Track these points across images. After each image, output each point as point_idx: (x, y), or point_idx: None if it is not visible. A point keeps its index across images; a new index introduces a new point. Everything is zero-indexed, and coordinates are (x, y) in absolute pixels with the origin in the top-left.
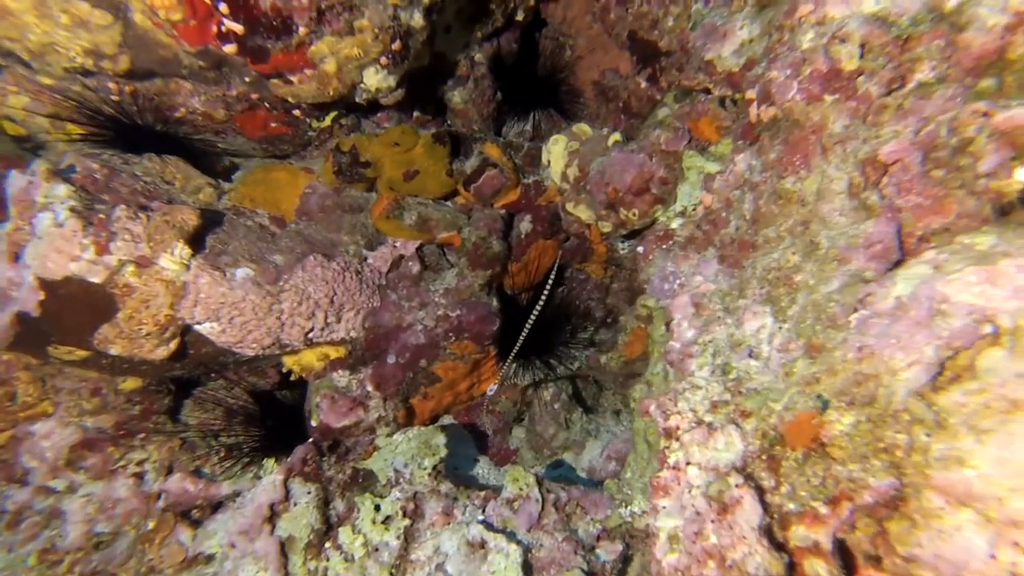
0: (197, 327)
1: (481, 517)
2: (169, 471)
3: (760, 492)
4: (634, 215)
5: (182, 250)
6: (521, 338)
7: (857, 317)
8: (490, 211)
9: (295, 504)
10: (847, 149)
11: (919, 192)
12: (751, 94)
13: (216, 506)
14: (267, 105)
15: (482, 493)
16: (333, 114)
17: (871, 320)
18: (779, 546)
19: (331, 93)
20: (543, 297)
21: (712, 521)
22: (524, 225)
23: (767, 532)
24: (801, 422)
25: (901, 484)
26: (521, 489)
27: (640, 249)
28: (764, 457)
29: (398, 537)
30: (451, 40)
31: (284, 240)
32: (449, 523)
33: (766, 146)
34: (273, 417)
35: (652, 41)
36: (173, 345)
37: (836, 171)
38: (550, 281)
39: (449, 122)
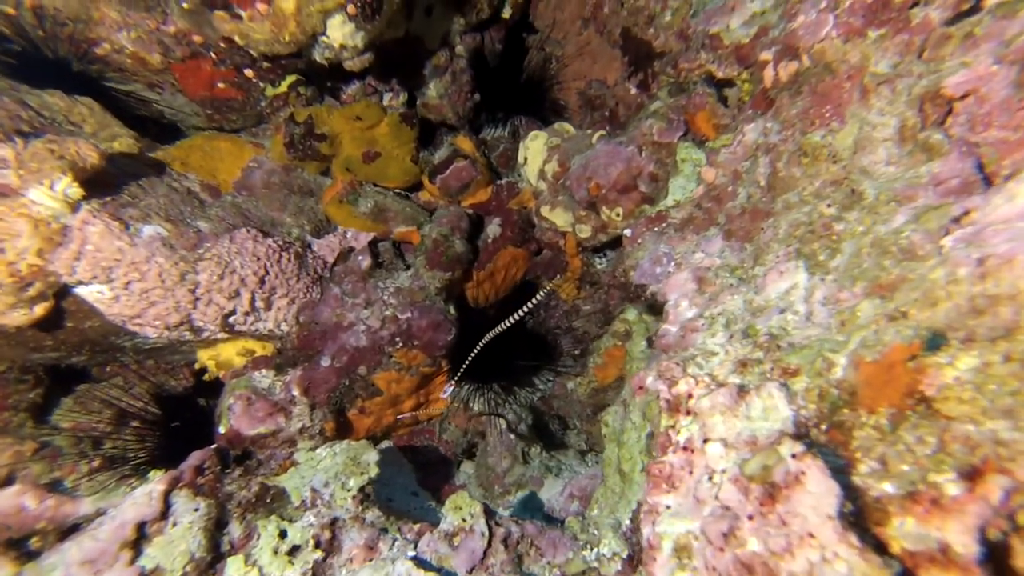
0: (80, 290)
1: (412, 553)
2: (8, 483)
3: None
4: (617, 215)
5: (68, 186)
6: (478, 347)
7: (955, 238)
8: (456, 208)
9: (174, 524)
10: (896, 88)
11: (1004, 124)
12: (766, 56)
13: (69, 531)
14: (214, 56)
15: (416, 526)
16: (291, 79)
17: (986, 231)
18: (879, 548)
19: (287, 39)
20: (520, 314)
21: (751, 516)
22: (493, 228)
23: (854, 525)
24: (889, 366)
25: None
26: (464, 520)
27: (627, 232)
28: (824, 426)
29: (304, 573)
30: (431, 24)
31: (215, 209)
32: (372, 559)
33: (785, 105)
34: (181, 426)
35: (646, 40)
36: (40, 309)
37: (880, 117)
38: (535, 300)
39: (421, 117)
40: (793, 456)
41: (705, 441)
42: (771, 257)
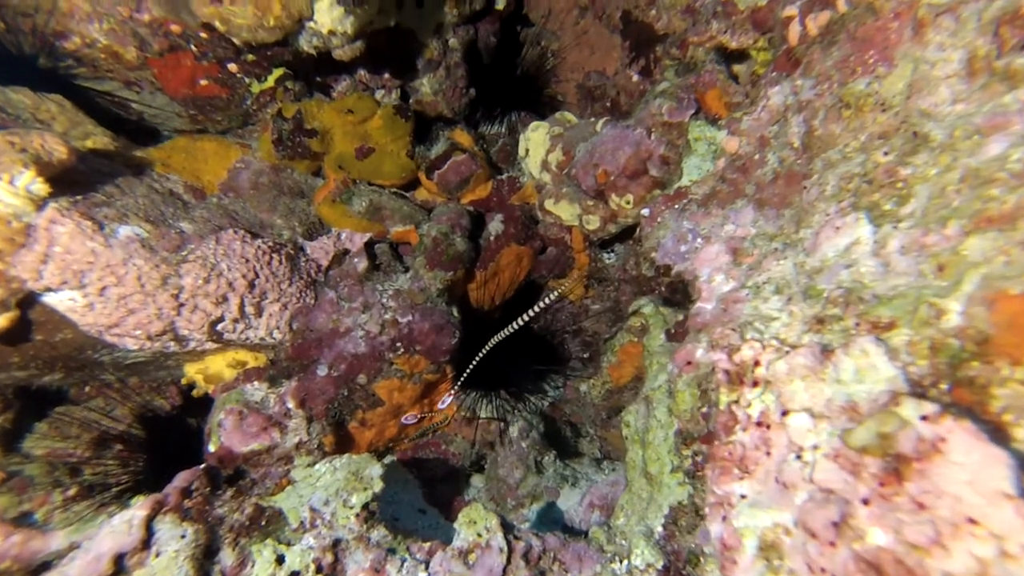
0: (49, 297)
1: (424, 574)
2: None
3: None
4: (628, 203)
5: (31, 182)
6: (482, 352)
7: None
8: (455, 205)
9: (158, 555)
10: (960, 17)
11: None
12: (790, 11)
13: (39, 570)
14: (194, 49)
15: (427, 544)
16: (278, 73)
17: None
18: None
19: (272, 23)
20: (528, 316)
21: (866, 500)
22: (495, 225)
23: None
24: None
25: None
26: (480, 535)
27: (645, 212)
28: (945, 386)
29: None
30: (423, 17)
31: (199, 211)
32: None
33: (816, 59)
34: (168, 449)
35: (648, 23)
36: (2, 320)
37: (939, 52)
38: (544, 302)
39: (416, 112)
40: (923, 418)
41: (784, 413)
42: (818, 217)
